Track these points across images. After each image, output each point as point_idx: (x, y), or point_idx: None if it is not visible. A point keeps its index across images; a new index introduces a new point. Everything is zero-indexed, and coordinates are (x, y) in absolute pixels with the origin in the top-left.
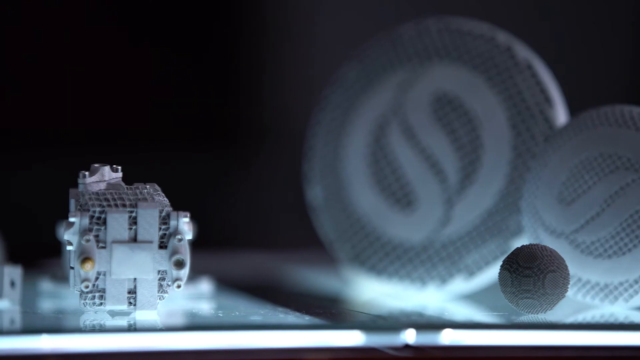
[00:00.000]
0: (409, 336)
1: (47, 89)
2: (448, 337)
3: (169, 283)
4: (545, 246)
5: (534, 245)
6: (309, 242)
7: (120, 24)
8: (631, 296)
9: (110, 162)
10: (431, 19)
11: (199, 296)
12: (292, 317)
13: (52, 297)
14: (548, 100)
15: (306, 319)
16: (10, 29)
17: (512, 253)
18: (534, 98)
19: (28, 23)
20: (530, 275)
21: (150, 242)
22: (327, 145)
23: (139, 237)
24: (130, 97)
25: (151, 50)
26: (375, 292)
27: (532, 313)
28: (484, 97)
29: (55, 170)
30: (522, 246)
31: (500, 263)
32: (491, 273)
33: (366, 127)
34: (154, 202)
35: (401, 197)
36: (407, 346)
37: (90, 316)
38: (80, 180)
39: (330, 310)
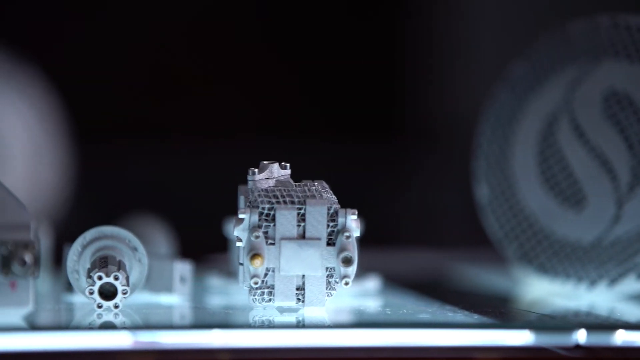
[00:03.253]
0: (580, 336)
1: (217, 87)
2: (621, 338)
3: (337, 280)
4: None
5: None
6: (476, 240)
7: (296, 25)
8: None
9: (279, 159)
10: (601, 16)
11: (366, 293)
12: (460, 315)
13: (220, 293)
14: None
15: (475, 317)
16: (190, 28)
17: None
18: None
19: (200, 20)
20: None
21: (319, 239)
22: (495, 144)
23: (307, 234)
24: (300, 95)
25: (324, 50)
26: (544, 291)
27: None
28: None
29: (223, 166)
30: None
31: None
32: None
33: (535, 126)
34: (322, 199)
35: (570, 195)
36: (577, 346)
37: (259, 312)
38: (249, 177)
39: (499, 309)
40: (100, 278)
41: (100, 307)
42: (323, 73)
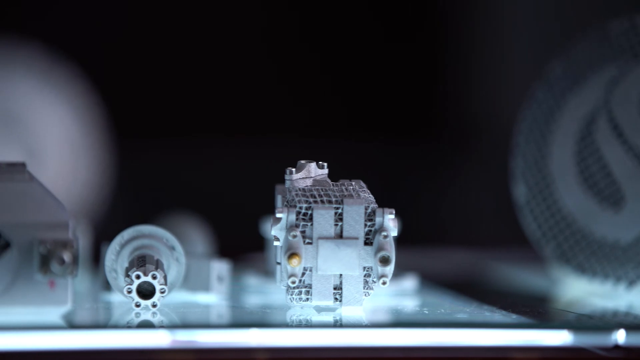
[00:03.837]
0: (619, 336)
1: (256, 86)
2: None
3: (375, 279)
4: None
5: None
6: (514, 240)
7: (334, 24)
8: None
9: (316, 158)
10: None
11: (403, 293)
12: (498, 315)
13: (258, 292)
14: None
15: (513, 317)
16: (231, 28)
17: None
18: None
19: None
20: None
21: (356, 238)
22: (532, 143)
23: (345, 234)
24: (338, 94)
25: (363, 49)
26: (582, 291)
27: None
28: None
29: (261, 165)
30: None
31: None
32: None
33: (572, 125)
34: (359, 198)
35: (608, 195)
36: (616, 346)
37: (297, 311)
38: (286, 177)
39: (537, 309)
40: (138, 277)
41: (138, 306)
42: (361, 72)
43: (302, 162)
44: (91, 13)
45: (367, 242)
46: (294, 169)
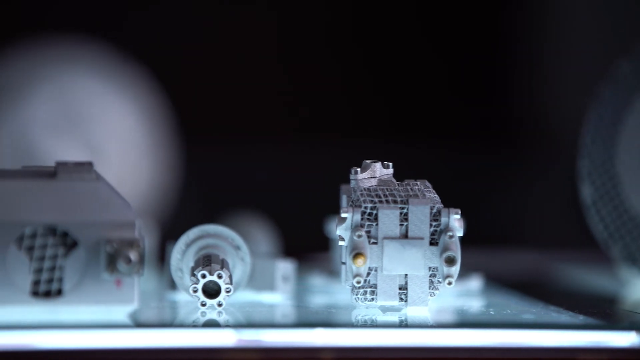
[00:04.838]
0: None
1: (321, 87)
2: None
3: (440, 280)
4: None
5: None
6: (581, 241)
7: (399, 27)
8: None
9: (382, 158)
10: None
11: (469, 293)
12: (565, 316)
13: (323, 292)
14: None
15: (580, 318)
16: (298, 30)
17: None
18: None
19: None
20: None
21: (422, 238)
22: (599, 143)
23: (410, 234)
24: (404, 95)
25: (433, 51)
26: None
27: None
28: None
29: (326, 165)
30: None
31: None
32: None
33: None
34: (425, 198)
35: None
36: None
37: (362, 311)
38: (352, 177)
39: (604, 310)
40: (203, 276)
41: (203, 305)
42: (429, 74)
43: (367, 162)
44: (157, 13)
45: (433, 242)
46: (359, 169)
